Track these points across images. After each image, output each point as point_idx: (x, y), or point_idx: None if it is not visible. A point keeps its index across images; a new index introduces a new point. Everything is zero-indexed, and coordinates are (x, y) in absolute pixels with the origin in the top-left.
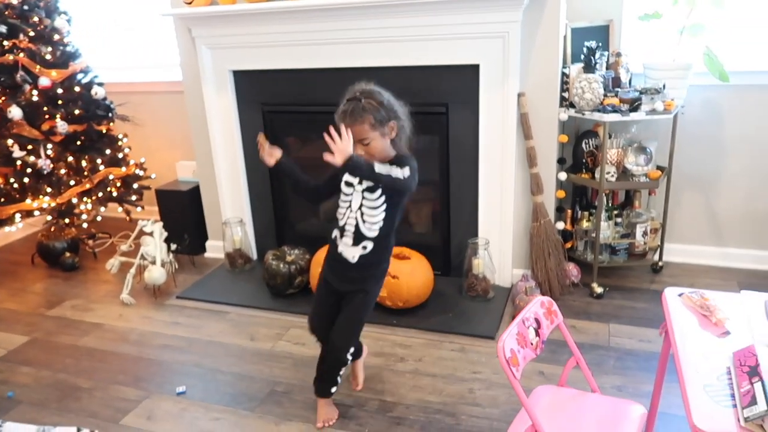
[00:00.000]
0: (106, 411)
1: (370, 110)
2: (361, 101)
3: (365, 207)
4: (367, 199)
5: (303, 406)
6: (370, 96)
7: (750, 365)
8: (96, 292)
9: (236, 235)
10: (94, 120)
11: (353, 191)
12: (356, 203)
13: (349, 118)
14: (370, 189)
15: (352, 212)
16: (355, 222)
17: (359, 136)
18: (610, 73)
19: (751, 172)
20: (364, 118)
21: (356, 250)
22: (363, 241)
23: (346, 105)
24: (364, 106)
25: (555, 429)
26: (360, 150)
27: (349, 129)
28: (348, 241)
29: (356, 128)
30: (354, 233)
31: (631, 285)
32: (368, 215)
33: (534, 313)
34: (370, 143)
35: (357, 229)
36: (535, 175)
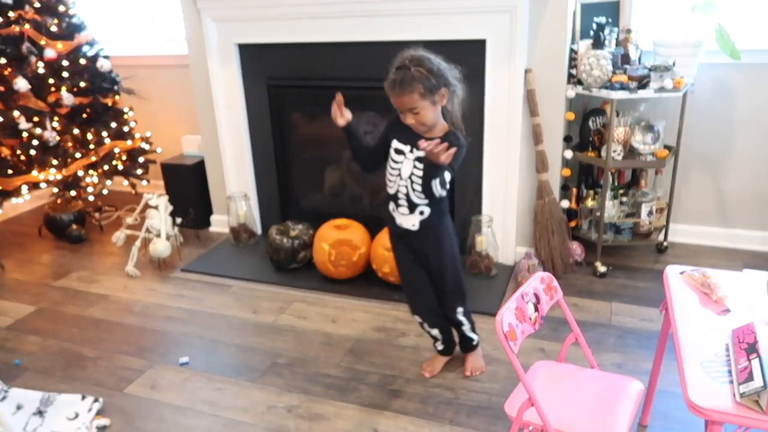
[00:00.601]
0: (110, 380)
1: (419, 79)
2: (410, 69)
3: (415, 176)
4: (418, 168)
5: (304, 378)
6: (419, 63)
7: (748, 342)
8: (102, 264)
9: (240, 209)
10: (100, 93)
11: (404, 159)
12: (407, 171)
13: (399, 87)
14: (420, 159)
15: (402, 180)
16: (406, 190)
17: (409, 105)
18: (619, 50)
19: (760, 153)
20: (414, 87)
21: (414, 217)
22: (419, 207)
23: (396, 74)
24: (413, 75)
25: (551, 402)
26: (410, 119)
27: (397, 99)
28: (404, 210)
29: (405, 98)
30: (407, 201)
31: (634, 264)
32: (418, 184)
33: (533, 289)
34: (419, 112)
35: (409, 198)
36: (541, 153)
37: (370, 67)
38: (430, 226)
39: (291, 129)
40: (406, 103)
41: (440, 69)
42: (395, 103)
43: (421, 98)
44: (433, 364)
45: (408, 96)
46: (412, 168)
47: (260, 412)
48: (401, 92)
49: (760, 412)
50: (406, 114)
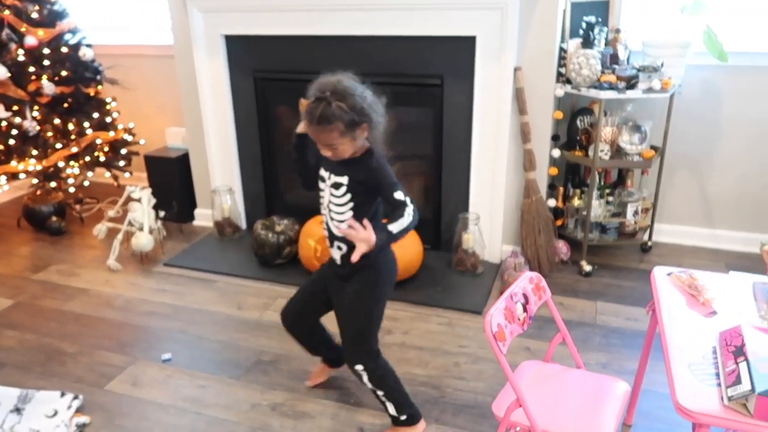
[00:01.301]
0: (90, 376)
1: (340, 117)
2: (331, 105)
3: (332, 204)
4: (333, 195)
5: (288, 376)
6: (342, 98)
7: (736, 345)
8: (82, 257)
9: (225, 203)
10: (82, 82)
11: (325, 186)
12: (326, 199)
13: (317, 123)
14: (336, 185)
15: (324, 208)
16: (326, 219)
17: (327, 141)
18: (608, 49)
19: (745, 156)
20: (333, 126)
21: (335, 251)
22: (336, 242)
23: (314, 106)
24: (333, 111)
25: (539, 403)
26: (327, 152)
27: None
28: (329, 243)
29: (324, 135)
30: (328, 231)
31: (619, 264)
32: (335, 212)
33: (522, 289)
34: (337, 148)
35: (329, 228)
36: (529, 151)
37: (359, 61)
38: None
39: (277, 122)
40: (323, 139)
41: (363, 105)
42: (312, 134)
43: (340, 136)
44: (317, 372)
45: (327, 133)
46: (329, 196)
47: (244, 410)
48: (320, 129)
49: (747, 416)
50: (322, 147)
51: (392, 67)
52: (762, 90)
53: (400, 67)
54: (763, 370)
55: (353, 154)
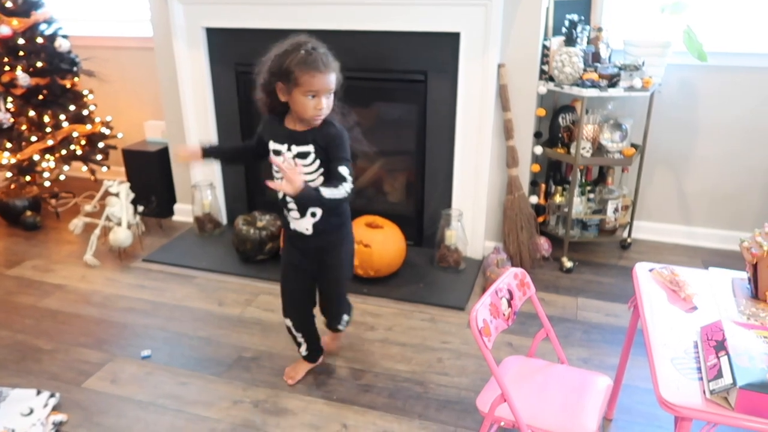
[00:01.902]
0: (67, 373)
1: (334, 62)
2: (326, 53)
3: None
4: (300, 166)
5: (271, 372)
6: (328, 51)
7: (717, 340)
8: (58, 252)
9: (206, 198)
10: (58, 74)
11: (284, 160)
12: None
13: (326, 66)
14: (302, 155)
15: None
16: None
17: (330, 85)
18: (590, 47)
19: (721, 154)
20: (333, 69)
21: (306, 221)
22: (309, 209)
23: (314, 53)
24: (328, 56)
25: (523, 398)
26: (321, 104)
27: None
28: (295, 215)
29: (332, 77)
30: (297, 203)
31: (599, 260)
32: (306, 180)
33: (507, 284)
34: (331, 95)
35: (298, 201)
36: (512, 148)
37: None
38: (324, 229)
39: (259, 116)
40: (330, 83)
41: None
42: (319, 83)
43: (336, 82)
44: (297, 369)
45: (332, 74)
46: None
47: (225, 406)
48: (329, 70)
49: (729, 409)
50: (320, 99)
51: (376, 63)
52: (740, 90)
53: (383, 62)
54: (744, 364)
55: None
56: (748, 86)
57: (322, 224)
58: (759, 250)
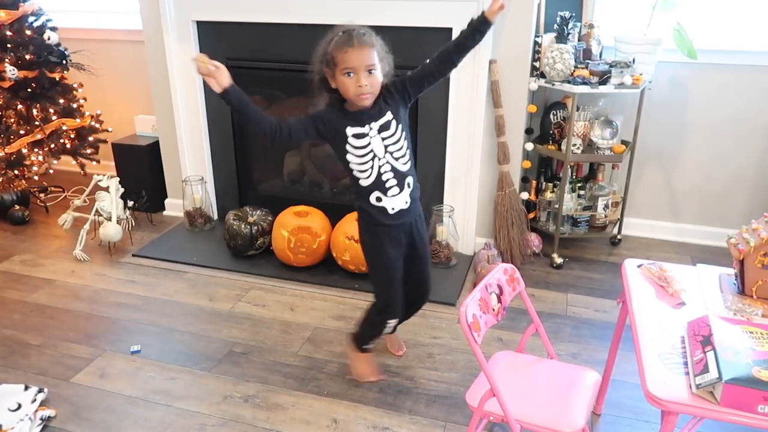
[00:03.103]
0: (56, 368)
1: (375, 39)
2: (363, 32)
3: (389, 145)
4: (386, 138)
5: (261, 367)
6: (370, 31)
7: (703, 335)
8: (47, 247)
9: (196, 193)
10: (47, 67)
11: (369, 139)
12: (380, 148)
13: (360, 40)
14: (384, 126)
15: (380, 159)
16: (390, 166)
17: (368, 60)
18: (581, 44)
19: (710, 152)
20: (373, 45)
21: (405, 193)
22: (406, 179)
23: (347, 33)
24: (366, 33)
25: (512, 393)
26: (364, 80)
27: (359, 51)
28: (395, 191)
29: (366, 51)
30: (396, 177)
31: (589, 256)
32: (396, 150)
33: (497, 280)
34: (374, 72)
35: (396, 172)
36: (503, 144)
37: None
38: (415, 198)
39: None
40: (366, 58)
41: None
42: (353, 58)
43: (378, 57)
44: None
45: (369, 49)
46: (382, 141)
47: (216, 401)
48: (364, 44)
49: (715, 403)
50: (360, 75)
51: None
52: (729, 88)
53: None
54: (729, 359)
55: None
56: (738, 84)
57: (414, 191)
58: (745, 247)
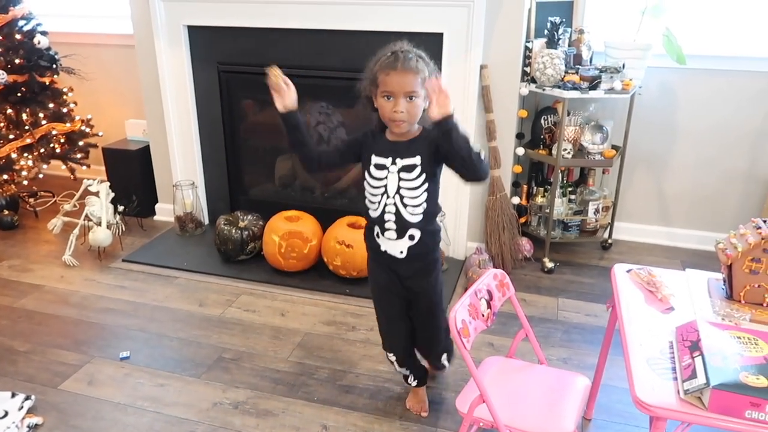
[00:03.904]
0: (44, 375)
1: (422, 65)
2: (413, 53)
3: (404, 189)
4: (405, 180)
5: (251, 373)
6: (420, 55)
7: (692, 340)
8: (36, 252)
9: (187, 198)
10: (37, 71)
11: (387, 173)
12: (393, 187)
13: (405, 63)
14: (408, 168)
15: (389, 198)
16: (395, 209)
17: (410, 87)
18: (572, 49)
19: (699, 156)
20: (419, 69)
21: (403, 243)
22: (409, 230)
23: (395, 54)
24: (420, 55)
25: (502, 398)
26: (402, 106)
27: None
28: (391, 235)
29: (410, 77)
30: (396, 222)
31: (580, 261)
32: (409, 197)
33: (486, 285)
34: (415, 101)
35: (399, 217)
36: (494, 149)
37: (325, 55)
38: (419, 254)
39: (242, 116)
40: (408, 84)
41: (431, 65)
42: (393, 82)
43: (421, 85)
44: (419, 399)
45: (413, 76)
46: (398, 181)
47: (205, 408)
48: (407, 69)
49: (703, 409)
50: (398, 100)
51: (359, 63)
52: (718, 93)
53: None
54: (717, 364)
55: (410, 134)
56: (727, 89)
57: (417, 247)
58: (733, 252)
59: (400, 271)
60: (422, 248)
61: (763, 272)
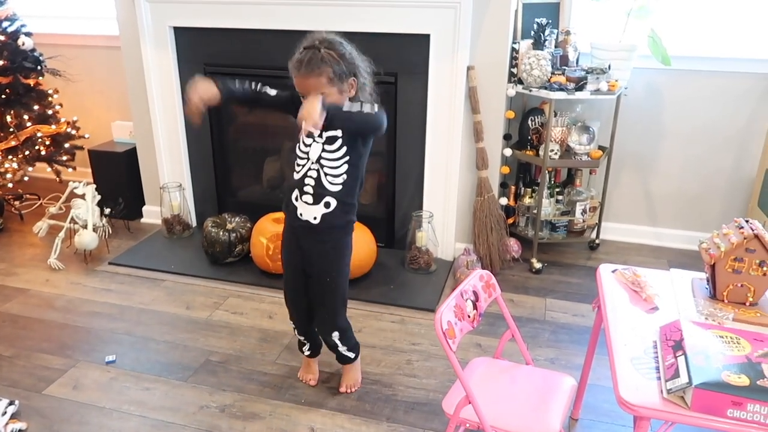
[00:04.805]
0: (28, 380)
1: (329, 62)
2: (320, 51)
3: (325, 159)
4: (327, 151)
5: (238, 376)
6: (330, 46)
7: (675, 340)
8: (21, 255)
9: (174, 200)
10: (21, 72)
11: (312, 142)
12: (315, 153)
13: (305, 68)
14: (330, 139)
15: (312, 163)
16: (316, 174)
17: (313, 89)
18: (558, 51)
19: (685, 157)
20: (322, 70)
21: (318, 208)
22: (326, 197)
23: (303, 53)
24: (323, 57)
25: (488, 399)
26: None
27: (302, 80)
28: (309, 199)
29: (311, 80)
30: (315, 188)
31: (568, 261)
32: (329, 167)
33: (472, 286)
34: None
35: (319, 183)
36: (481, 150)
37: None
38: (331, 226)
39: (229, 118)
40: (310, 87)
41: (352, 56)
42: (299, 85)
43: (328, 83)
44: (310, 370)
45: (315, 78)
46: (321, 151)
47: (191, 412)
48: (307, 73)
49: (685, 408)
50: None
51: None
52: (703, 94)
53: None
54: (700, 363)
55: None
56: (711, 90)
57: (331, 217)
58: (716, 252)
59: (309, 239)
60: (335, 219)
61: (746, 272)
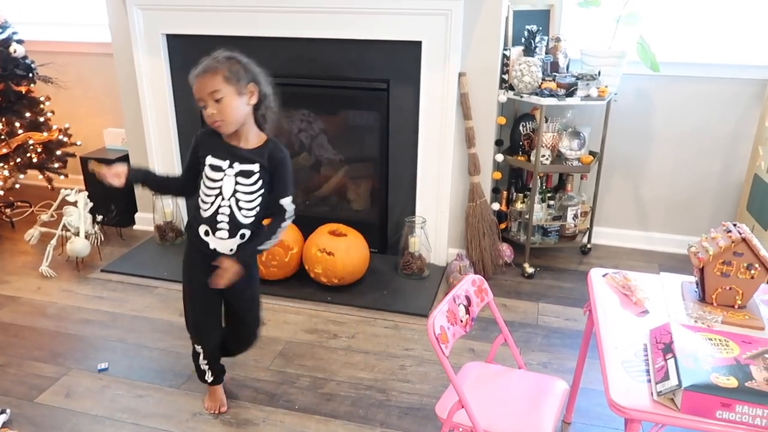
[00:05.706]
0: (19, 388)
1: (225, 64)
2: (218, 57)
3: (240, 192)
4: (241, 184)
5: (231, 383)
6: (229, 56)
7: (665, 342)
8: (12, 263)
9: (167, 207)
10: (13, 80)
11: (223, 176)
12: (228, 189)
13: (201, 69)
14: (245, 174)
15: (225, 200)
16: (229, 210)
17: (210, 88)
18: (549, 57)
19: (674, 161)
20: (217, 70)
21: (233, 241)
22: (240, 230)
23: (205, 59)
24: (218, 59)
25: (481, 404)
26: (212, 108)
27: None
28: (223, 234)
29: (207, 79)
30: (230, 223)
31: (560, 266)
32: (244, 201)
33: (465, 291)
34: (222, 99)
35: (233, 218)
36: (473, 156)
37: (304, 64)
38: (246, 250)
39: None
40: (207, 86)
41: (250, 65)
42: (197, 90)
43: (225, 82)
44: (217, 398)
45: (210, 78)
46: (234, 185)
47: (184, 419)
48: (203, 73)
49: (675, 410)
50: (207, 103)
51: (338, 71)
52: (692, 99)
53: (346, 70)
54: (689, 366)
55: (249, 142)
56: (700, 95)
57: (246, 243)
58: (705, 255)
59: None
60: (249, 243)
61: (734, 275)
